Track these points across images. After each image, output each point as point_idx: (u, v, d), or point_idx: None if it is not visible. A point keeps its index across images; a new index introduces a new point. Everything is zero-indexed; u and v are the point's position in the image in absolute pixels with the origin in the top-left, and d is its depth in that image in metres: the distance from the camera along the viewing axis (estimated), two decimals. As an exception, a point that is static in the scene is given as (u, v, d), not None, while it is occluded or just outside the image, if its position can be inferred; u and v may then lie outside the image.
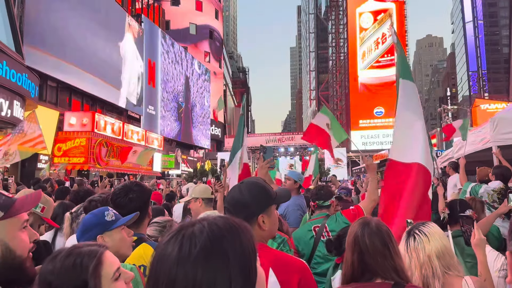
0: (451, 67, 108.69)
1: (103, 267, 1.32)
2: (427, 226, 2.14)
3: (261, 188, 1.75)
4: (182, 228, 0.89)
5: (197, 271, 0.81)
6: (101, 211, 1.98)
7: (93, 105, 23.44)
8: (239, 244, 0.86)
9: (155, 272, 0.85)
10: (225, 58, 60.23)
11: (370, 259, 1.77)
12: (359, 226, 1.87)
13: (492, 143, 4.96)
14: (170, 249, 0.85)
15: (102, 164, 19.61)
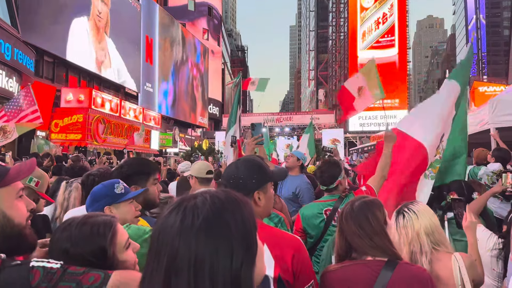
0: (451, 48, 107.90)
1: (117, 237, 1.42)
2: (416, 205, 2.19)
3: (257, 165, 1.77)
4: (184, 200, 0.89)
5: (199, 242, 0.81)
6: (111, 183, 2.01)
7: (90, 81, 23.24)
8: (241, 216, 0.87)
9: (157, 244, 0.85)
10: (223, 36, 59.50)
11: (349, 238, 1.83)
12: (345, 206, 1.93)
13: (491, 125, 4.97)
14: (172, 221, 0.85)
15: (99, 141, 19.59)
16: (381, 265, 1.75)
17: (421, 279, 1.71)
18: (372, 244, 1.78)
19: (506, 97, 5.33)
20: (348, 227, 1.83)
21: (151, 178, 2.40)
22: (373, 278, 1.71)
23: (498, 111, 4.90)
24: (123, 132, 22.16)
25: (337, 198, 3.11)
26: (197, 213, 0.84)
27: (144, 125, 23.80)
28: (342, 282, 1.76)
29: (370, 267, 1.75)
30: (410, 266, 1.79)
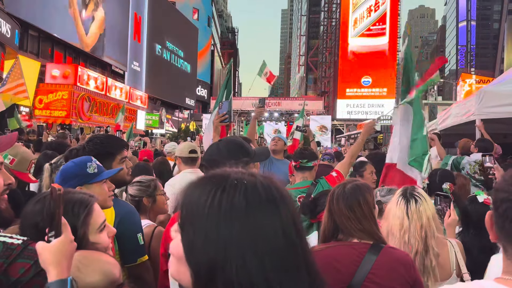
0: (440, 39, 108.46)
1: (92, 217, 1.36)
2: (418, 189, 2.18)
3: (239, 146, 1.77)
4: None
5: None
6: (83, 161, 1.87)
7: (76, 58, 22.75)
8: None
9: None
10: (214, 16, 58.67)
11: (338, 220, 1.85)
12: (337, 188, 1.94)
13: (476, 116, 5.01)
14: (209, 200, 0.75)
15: (84, 118, 19.30)
16: (366, 247, 1.78)
17: (404, 262, 1.75)
18: (360, 227, 1.81)
19: (493, 89, 5.38)
20: (338, 209, 1.85)
21: (117, 158, 2.22)
22: (359, 260, 1.75)
23: (484, 102, 4.94)
24: (109, 111, 21.86)
25: (309, 185, 3.06)
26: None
27: (130, 104, 23.52)
28: (327, 262, 1.77)
29: (356, 249, 1.78)
30: (394, 250, 1.83)
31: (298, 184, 3.15)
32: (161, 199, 2.70)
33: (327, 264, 1.78)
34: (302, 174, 3.17)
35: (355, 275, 1.73)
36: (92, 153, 2.13)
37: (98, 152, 2.17)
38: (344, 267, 1.76)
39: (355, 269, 1.74)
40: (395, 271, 1.71)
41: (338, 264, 1.77)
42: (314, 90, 70.09)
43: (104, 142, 2.27)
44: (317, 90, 64.95)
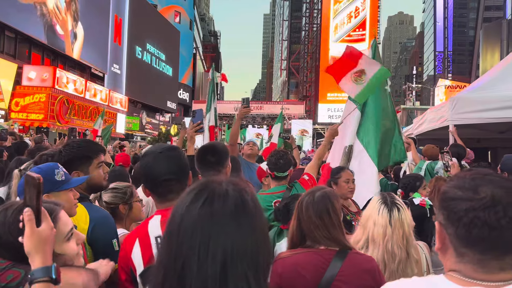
0: (419, 46, 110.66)
1: (58, 226, 1.30)
2: (397, 198, 2.19)
3: (177, 159, 1.78)
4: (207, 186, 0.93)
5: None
6: (50, 168, 1.78)
7: (54, 60, 22.36)
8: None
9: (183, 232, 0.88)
10: (196, 20, 58.52)
11: (305, 227, 1.87)
12: (306, 195, 1.95)
13: (450, 122, 5.16)
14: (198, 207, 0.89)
15: (62, 122, 18.97)
16: (332, 254, 1.80)
17: (369, 268, 1.79)
18: (328, 235, 1.83)
19: (465, 95, 5.54)
20: (307, 217, 1.86)
21: (94, 162, 2.17)
22: (324, 267, 1.77)
23: (457, 108, 5.08)
24: (88, 114, 21.54)
25: (285, 189, 3.07)
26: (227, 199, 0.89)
27: (110, 107, 23.23)
28: (293, 269, 1.80)
29: (322, 256, 1.81)
30: (360, 256, 1.86)
31: (273, 189, 3.15)
32: (137, 206, 2.62)
33: (294, 271, 1.80)
34: (278, 182, 3.16)
35: (321, 281, 1.75)
36: (69, 157, 2.12)
37: (75, 156, 2.14)
38: (310, 274, 1.78)
39: (321, 276, 1.76)
40: (360, 277, 1.75)
41: (304, 270, 1.79)
42: (296, 94, 70.55)
43: (81, 146, 2.23)
44: (299, 94, 65.38)
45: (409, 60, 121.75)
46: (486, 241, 0.89)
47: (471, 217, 0.90)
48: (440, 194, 0.99)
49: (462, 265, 0.94)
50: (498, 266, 0.91)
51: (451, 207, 0.93)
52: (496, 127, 6.50)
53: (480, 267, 0.91)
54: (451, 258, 0.96)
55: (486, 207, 0.89)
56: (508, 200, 0.89)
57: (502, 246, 0.89)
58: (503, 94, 5.06)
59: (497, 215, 0.88)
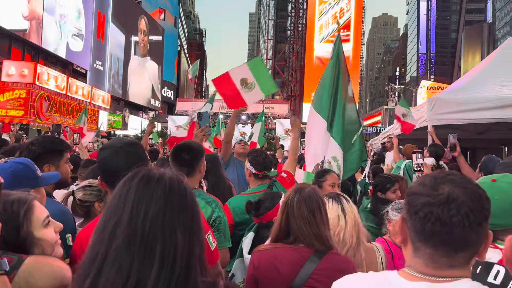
0: (402, 47, 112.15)
1: (33, 213, 1.35)
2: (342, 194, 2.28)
3: (136, 153, 1.78)
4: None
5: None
6: (30, 162, 1.81)
7: (35, 55, 21.92)
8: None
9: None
10: (181, 17, 58.13)
11: (294, 223, 1.85)
12: (293, 191, 1.94)
13: (428, 122, 5.24)
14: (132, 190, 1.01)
15: (43, 119, 18.62)
16: (310, 252, 1.81)
17: (344, 269, 1.78)
18: (318, 233, 1.82)
19: (444, 96, 5.63)
20: (299, 213, 1.84)
21: (64, 156, 2.28)
22: (301, 264, 1.78)
23: (436, 109, 5.16)
24: (69, 111, 21.20)
25: (266, 188, 3.06)
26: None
27: (92, 105, 22.90)
28: (270, 262, 1.83)
29: (300, 253, 1.82)
30: (337, 256, 1.86)
31: (255, 189, 3.13)
32: None
33: (270, 264, 1.82)
34: (261, 181, 3.14)
35: (296, 278, 1.76)
36: (43, 151, 2.19)
37: (50, 150, 2.22)
38: (286, 269, 1.79)
39: (296, 273, 1.77)
40: (334, 277, 1.74)
41: (280, 265, 1.80)
42: (281, 93, 70.75)
43: (55, 140, 2.34)
44: (284, 94, 65.55)
45: (392, 61, 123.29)
46: (438, 236, 0.92)
47: (426, 212, 0.93)
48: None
49: (416, 259, 0.97)
50: (448, 263, 0.94)
51: (411, 201, 0.97)
52: (475, 128, 6.62)
53: (431, 262, 0.94)
54: (409, 252, 0.99)
55: (441, 203, 0.92)
56: (463, 200, 0.92)
57: (452, 243, 0.92)
58: (481, 95, 5.16)
59: (450, 212, 0.91)
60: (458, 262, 0.94)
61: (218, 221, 2.25)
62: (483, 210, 0.94)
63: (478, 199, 0.94)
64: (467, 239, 0.92)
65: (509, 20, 59.17)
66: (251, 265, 1.91)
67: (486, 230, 0.95)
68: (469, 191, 0.94)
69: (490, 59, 6.64)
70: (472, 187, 0.95)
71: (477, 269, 1.34)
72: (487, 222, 0.95)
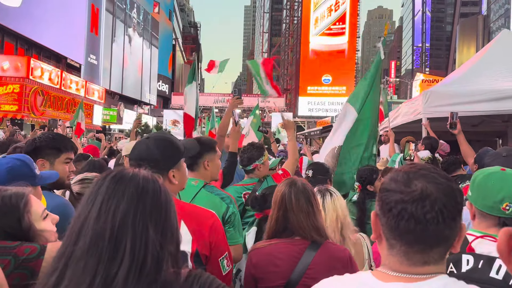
0: (397, 40, 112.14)
1: (31, 207, 1.38)
2: (332, 188, 2.31)
3: (169, 143, 1.75)
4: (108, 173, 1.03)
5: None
6: (29, 159, 1.80)
7: (28, 49, 21.74)
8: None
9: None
10: (175, 10, 57.74)
11: (294, 217, 1.86)
12: (287, 186, 1.95)
13: (422, 115, 5.24)
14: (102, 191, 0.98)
15: (37, 113, 18.50)
16: (306, 244, 1.83)
17: (341, 258, 1.83)
18: (315, 224, 1.86)
19: (438, 89, 5.64)
20: (299, 205, 1.86)
21: (62, 156, 2.23)
22: (298, 256, 1.80)
23: (430, 102, 5.17)
24: (63, 106, 21.07)
25: (256, 182, 3.10)
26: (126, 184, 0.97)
27: (86, 99, 22.77)
28: (268, 259, 1.83)
29: (296, 246, 1.84)
30: (333, 246, 1.89)
31: (245, 181, 3.18)
32: None
33: (268, 261, 1.83)
34: (250, 177, 3.20)
35: (294, 271, 1.78)
36: (40, 145, 2.18)
37: (46, 145, 2.20)
38: (284, 263, 1.80)
39: (294, 266, 1.78)
40: (332, 267, 1.76)
41: (278, 260, 1.82)
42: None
43: (55, 137, 2.29)
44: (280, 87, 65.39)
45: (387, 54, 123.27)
46: (412, 234, 0.91)
47: (399, 209, 0.91)
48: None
49: (391, 257, 0.96)
50: (422, 259, 0.93)
51: (384, 198, 0.96)
52: (469, 120, 6.64)
53: (405, 259, 0.93)
54: (384, 249, 0.98)
55: (414, 200, 0.90)
56: (436, 196, 0.91)
57: (427, 240, 0.91)
58: (476, 88, 5.17)
59: (424, 209, 0.90)
60: (433, 258, 0.93)
61: (233, 217, 2.25)
62: (456, 204, 0.93)
63: (452, 194, 0.93)
64: (442, 235, 0.91)
65: (503, 12, 59.27)
66: (248, 263, 1.92)
67: (460, 223, 0.94)
68: (442, 187, 0.92)
69: (484, 51, 6.65)
70: (445, 182, 0.94)
71: (456, 262, 1.35)
72: (460, 216, 0.94)
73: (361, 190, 3.32)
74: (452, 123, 4.06)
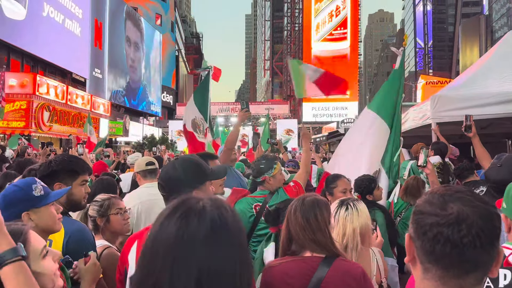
0: (399, 42, 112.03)
1: (30, 245, 1.29)
2: (360, 203, 2.28)
3: (195, 164, 1.79)
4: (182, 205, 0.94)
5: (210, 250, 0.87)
6: (27, 183, 1.74)
7: (34, 66, 21.96)
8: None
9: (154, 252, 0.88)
10: (177, 22, 58.18)
11: (293, 230, 1.88)
12: (296, 200, 1.98)
13: (431, 120, 5.23)
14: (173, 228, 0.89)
15: (44, 129, 18.66)
16: (318, 261, 1.81)
17: (355, 275, 1.80)
18: (313, 238, 1.84)
19: (446, 93, 5.62)
20: (295, 219, 1.88)
21: (79, 178, 2.23)
22: (310, 274, 1.78)
23: (439, 107, 5.15)
24: (70, 120, 21.22)
25: (267, 194, 3.07)
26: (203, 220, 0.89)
27: (92, 112, 22.92)
28: (281, 278, 1.82)
29: (308, 263, 1.82)
30: (345, 262, 1.86)
31: (256, 193, 3.17)
32: (116, 219, 2.53)
33: (281, 280, 1.82)
34: (261, 189, 3.18)
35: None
36: (56, 168, 2.18)
37: (63, 168, 2.20)
38: (297, 282, 1.79)
39: (307, 283, 1.77)
40: (346, 284, 1.75)
41: (290, 279, 1.80)
42: (280, 94, 70.73)
43: (71, 160, 2.31)
44: (283, 94, 65.54)
45: (390, 57, 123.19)
46: (448, 258, 0.89)
47: (435, 233, 0.89)
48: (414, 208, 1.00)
49: (426, 281, 0.94)
50: (459, 284, 0.90)
51: (419, 220, 0.94)
52: (478, 123, 6.58)
53: (441, 284, 0.91)
54: (419, 272, 0.96)
55: (450, 224, 0.89)
56: (473, 219, 0.89)
57: (463, 265, 0.89)
58: (483, 91, 5.15)
59: (460, 233, 0.88)
60: (470, 283, 0.90)
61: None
62: (494, 228, 0.90)
63: (489, 218, 0.90)
64: (479, 260, 0.89)
65: (505, 11, 59.08)
66: (262, 283, 1.91)
67: (498, 248, 0.92)
68: (479, 210, 0.90)
69: (491, 53, 6.63)
70: (482, 205, 0.91)
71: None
72: (498, 241, 0.92)
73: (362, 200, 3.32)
74: (467, 126, 4.01)
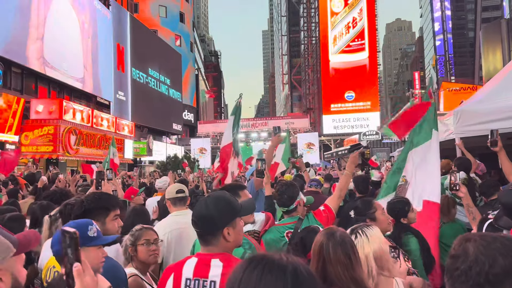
0: (419, 50, 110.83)
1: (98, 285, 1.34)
2: (370, 228, 2.19)
3: (226, 202, 1.85)
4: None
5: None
6: (85, 223, 1.90)
7: (60, 92, 22.75)
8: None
9: None
10: (196, 41, 59.31)
11: (332, 268, 1.84)
12: (325, 236, 1.94)
13: (455, 135, 5.19)
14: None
15: (71, 152, 19.20)
16: None
17: None
18: (354, 276, 1.81)
19: (469, 108, 5.57)
20: (336, 257, 1.84)
21: (111, 214, 2.35)
22: None
23: (461, 121, 5.11)
24: (96, 143, 21.78)
25: (296, 220, 3.04)
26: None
27: (117, 134, 23.45)
28: None
29: None
30: None
31: (285, 221, 3.13)
32: (142, 249, 2.63)
33: None
34: (288, 215, 3.14)
35: None
36: (89, 207, 2.29)
37: (95, 207, 2.32)
38: None
39: None
40: None
41: None
42: (299, 107, 70.76)
43: (102, 197, 2.42)
44: (303, 107, 65.52)
45: (410, 66, 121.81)
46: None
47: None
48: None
49: None
50: None
51: (447, 264, 1.02)
52: (504, 134, 6.49)
53: None
54: None
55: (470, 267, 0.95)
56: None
57: None
58: (505, 104, 5.08)
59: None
60: None
61: None
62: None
63: None
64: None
65: (527, 14, 57.82)
66: None
67: None
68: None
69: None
70: None
71: None
72: None
73: (394, 224, 3.14)
74: (493, 141, 3.97)
